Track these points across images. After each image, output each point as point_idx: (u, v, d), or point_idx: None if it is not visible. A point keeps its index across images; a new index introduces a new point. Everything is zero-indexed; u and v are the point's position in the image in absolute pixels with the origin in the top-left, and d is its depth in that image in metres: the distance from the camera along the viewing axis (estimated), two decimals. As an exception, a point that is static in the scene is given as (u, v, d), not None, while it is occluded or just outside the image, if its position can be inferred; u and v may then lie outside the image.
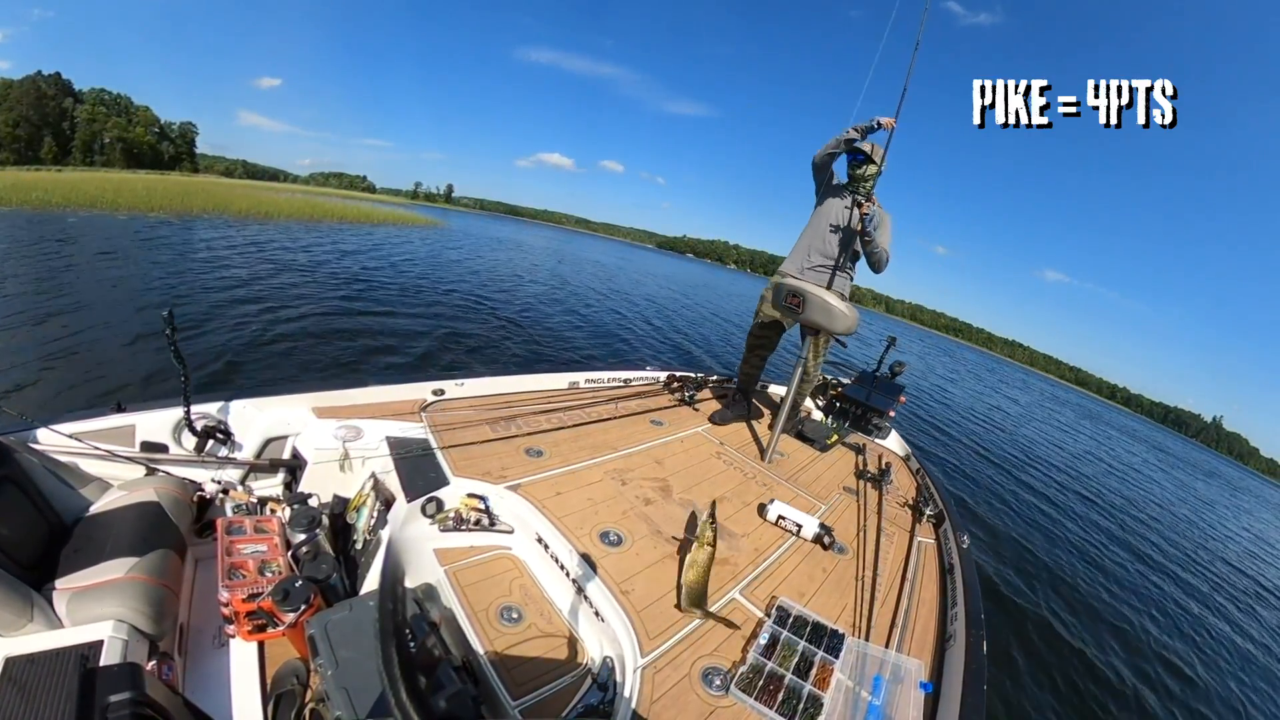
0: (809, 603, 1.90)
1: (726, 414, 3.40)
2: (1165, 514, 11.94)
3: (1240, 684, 4.90)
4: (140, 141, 74.52)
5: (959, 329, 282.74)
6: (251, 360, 5.80)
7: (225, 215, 19.35)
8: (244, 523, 1.75)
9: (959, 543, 2.42)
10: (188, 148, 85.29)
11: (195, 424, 2.00)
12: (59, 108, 66.08)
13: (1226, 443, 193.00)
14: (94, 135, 68.75)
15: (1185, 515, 12.89)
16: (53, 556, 1.40)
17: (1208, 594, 7.17)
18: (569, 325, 11.71)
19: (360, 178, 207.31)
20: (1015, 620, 4.56)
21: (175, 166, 79.59)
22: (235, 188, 34.58)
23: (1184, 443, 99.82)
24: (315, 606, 1.51)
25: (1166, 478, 19.61)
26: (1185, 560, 8.57)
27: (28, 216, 13.34)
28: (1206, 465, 44.62)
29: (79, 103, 68.48)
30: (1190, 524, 11.99)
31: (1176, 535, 10.16)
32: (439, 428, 2.39)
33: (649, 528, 2.10)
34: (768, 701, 1.45)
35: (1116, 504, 10.48)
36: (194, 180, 43.66)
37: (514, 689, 1.48)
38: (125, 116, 73.90)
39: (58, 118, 66.00)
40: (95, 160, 67.49)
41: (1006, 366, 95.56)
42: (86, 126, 67.59)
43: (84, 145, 67.66)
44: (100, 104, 71.05)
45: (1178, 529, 10.83)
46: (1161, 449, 37.58)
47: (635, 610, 1.66)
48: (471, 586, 1.80)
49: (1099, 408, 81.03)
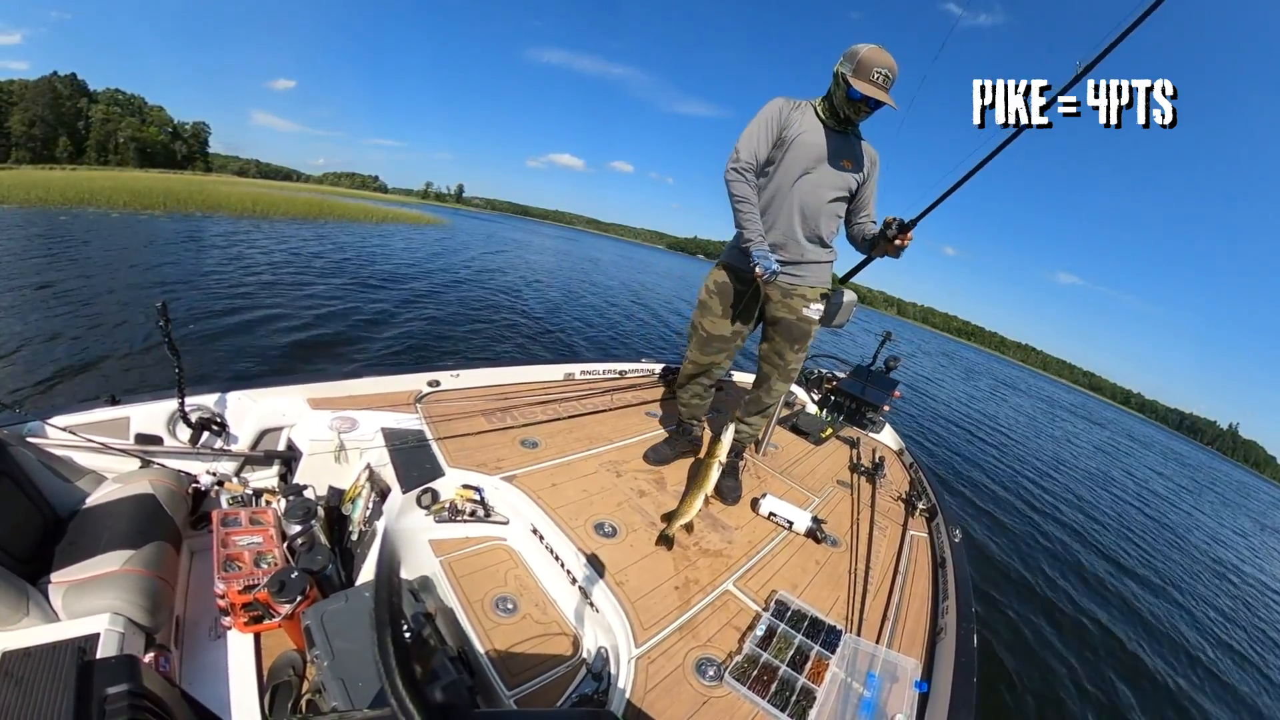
0: (802, 594, 1.92)
1: (664, 450, 2.64)
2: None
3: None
4: (153, 141, 75.56)
5: (971, 332, 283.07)
6: (245, 352, 5.77)
7: (219, 213, 19.19)
8: (239, 514, 1.76)
9: (951, 536, 2.44)
10: (200, 147, 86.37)
11: (190, 416, 1.99)
12: (74, 108, 66.88)
13: (1243, 450, 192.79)
14: (108, 135, 69.57)
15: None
16: (48, 550, 1.40)
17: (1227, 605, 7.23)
18: (580, 320, 11.74)
19: (372, 178, 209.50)
20: (1005, 613, 4.61)
21: (188, 166, 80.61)
22: (239, 185, 34.25)
23: (1200, 450, 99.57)
24: (311, 598, 1.52)
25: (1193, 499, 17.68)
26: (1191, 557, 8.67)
27: (25, 214, 13.28)
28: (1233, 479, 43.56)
29: (94, 103, 69.22)
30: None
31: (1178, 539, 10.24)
32: (434, 419, 2.39)
33: (644, 519, 2.12)
34: (760, 691, 1.47)
35: (1136, 527, 10.25)
36: (193, 179, 43.38)
37: (509, 679, 1.49)
38: (139, 116, 74.77)
39: (73, 117, 66.82)
40: (109, 160, 68.38)
41: (1016, 370, 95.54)
42: (101, 126, 68.52)
43: (98, 145, 68.49)
44: (114, 104, 71.82)
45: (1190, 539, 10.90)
46: (1184, 461, 36.41)
47: (630, 601, 1.67)
48: (467, 577, 1.81)
49: (1113, 413, 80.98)
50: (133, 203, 17.48)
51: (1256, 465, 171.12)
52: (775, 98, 2.15)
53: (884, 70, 1.88)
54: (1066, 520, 8.08)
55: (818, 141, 2.09)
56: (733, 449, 2.55)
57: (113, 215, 15.07)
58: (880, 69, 1.88)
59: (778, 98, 2.15)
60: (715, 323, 2.40)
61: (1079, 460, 14.88)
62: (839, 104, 2.03)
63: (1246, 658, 5.46)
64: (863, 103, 1.97)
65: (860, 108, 2.00)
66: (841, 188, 2.16)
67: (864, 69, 1.89)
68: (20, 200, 15.05)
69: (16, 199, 15.11)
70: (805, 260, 2.23)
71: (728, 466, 2.54)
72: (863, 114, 2.04)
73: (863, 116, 2.07)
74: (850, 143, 2.14)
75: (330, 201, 30.15)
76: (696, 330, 2.46)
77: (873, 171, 2.21)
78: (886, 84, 1.91)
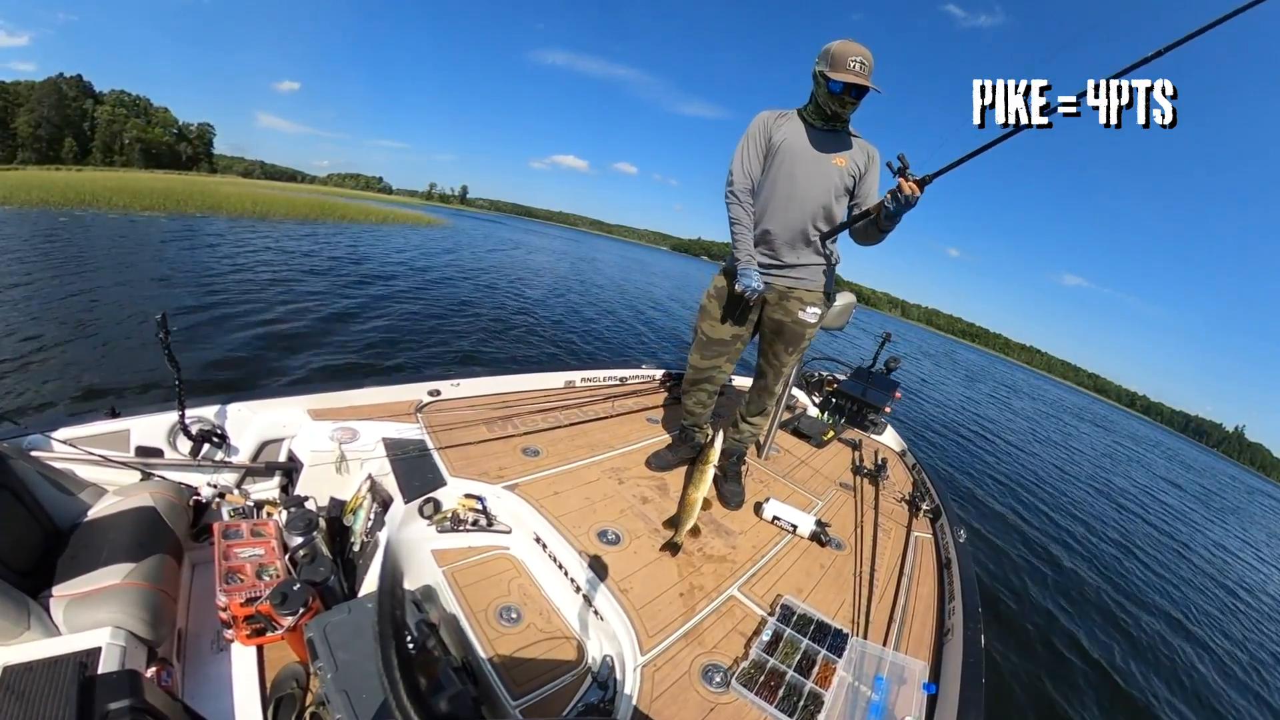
0: (807, 598, 1.91)
1: (667, 457, 2.66)
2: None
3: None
4: (158, 142, 76.54)
5: (976, 334, 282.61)
6: (246, 362, 5.77)
7: (218, 214, 19.22)
8: (240, 526, 1.75)
9: (955, 537, 2.43)
10: (205, 148, 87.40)
11: (190, 428, 1.99)
12: (80, 109, 67.85)
13: (1249, 453, 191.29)
14: (113, 136, 70.55)
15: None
16: (49, 563, 1.39)
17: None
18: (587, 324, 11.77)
19: (377, 179, 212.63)
20: (1013, 614, 4.58)
21: (193, 167, 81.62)
22: (240, 185, 34.31)
23: (1205, 453, 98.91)
24: (314, 609, 1.50)
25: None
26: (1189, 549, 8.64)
27: (21, 215, 13.30)
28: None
29: (99, 104, 70.17)
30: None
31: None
32: (435, 428, 2.39)
33: (647, 526, 2.11)
34: (768, 697, 1.46)
35: (1134, 521, 10.23)
36: (193, 180, 43.50)
37: (514, 689, 1.48)
38: (144, 117, 75.72)
39: (78, 119, 67.72)
40: (115, 160, 69.25)
41: (1021, 372, 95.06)
42: (106, 127, 69.49)
43: (104, 146, 69.41)
44: (120, 105, 72.73)
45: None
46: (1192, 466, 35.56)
47: (634, 608, 1.66)
48: (470, 587, 1.80)
49: (1118, 415, 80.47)
50: (131, 204, 17.51)
51: (1263, 468, 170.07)
52: (761, 112, 2.20)
53: (857, 58, 1.90)
54: (1072, 516, 8.06)
55: (803, 144, 2.11)
56: (735, 451, 2.57)
57: (110, 215, 15.14)
58: (854, 58, 1.90)
59: (763, 111, 2.19)
60: (714, 326, 2.40)
61: (1085, 464, 14.78)
62: (823, 102, 2.04)
63: (1261, 662, 5.43)
64: (846, 93, 1.97)
65: (845, 100, 2.00)
66: (834, 186, 2.13)
67: (839, 62, 1.91)
68: (20, 201, 15.06)
69: (16, 200, 15.12)
70: (800, 263, 2.22)
71: (730, 471, 2.55)
72: (849, 105, 2.03)
73: (850, 109, 2.05)
74: (841, 139, 2.13)
75: (328, 202, 30.28)
76: (697, 334, 2.49)
77: (871, 166, 2.17)
78: (864, 70, 1.91)
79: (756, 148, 2.17)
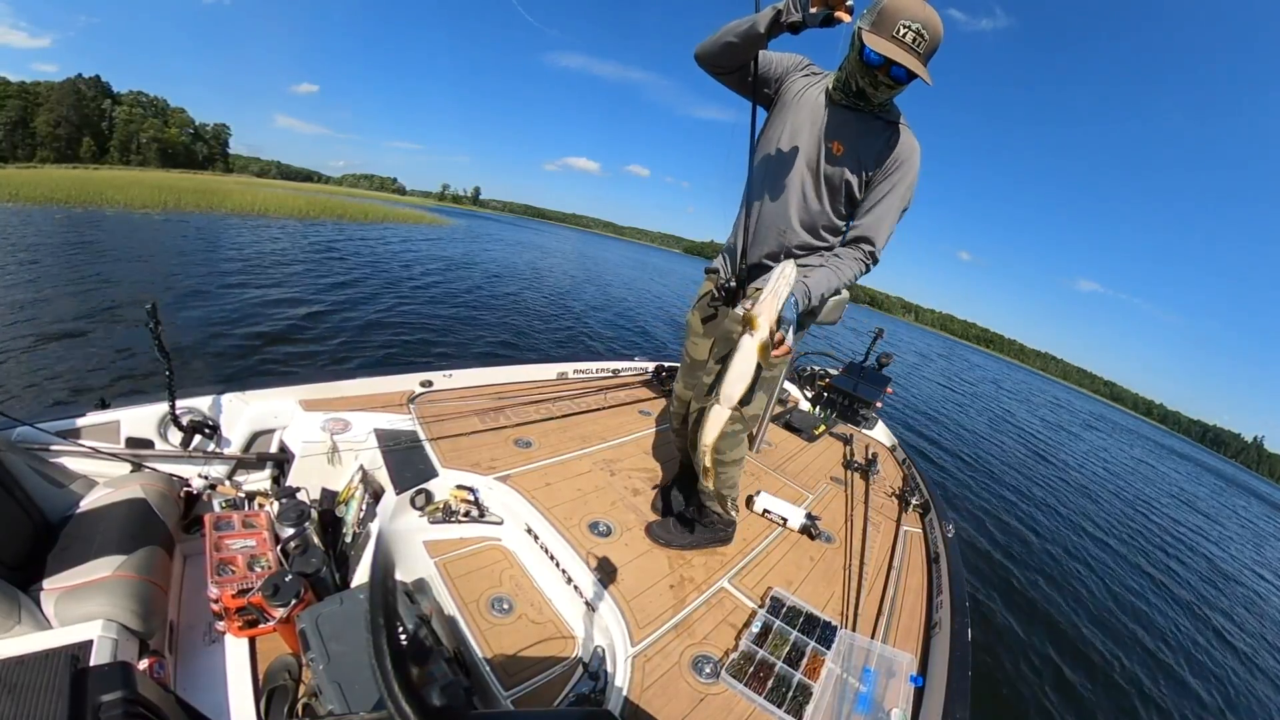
0: (797, 591, 1.93)
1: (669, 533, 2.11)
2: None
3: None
4: (175, 142, 77.80)
5: (990, 339, 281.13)
6: (238, 353, 5.73)
7: (217, 212, 19.06)
8: (232, 518, 1.75)
9: (944, 532, 2.46)
10: (221, 148, 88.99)
11: (181, 419, 1.98)
12: (98, 109, 68.70)
13: (1268, 464, 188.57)
14: (131, 136, 71.55)
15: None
16: (39, 556, 1.39)
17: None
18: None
19: (391, 179, 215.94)
20: (999, 608, 4.65)
21: (209, 166, 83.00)
22: (254, 185, 34.14)
23: (1224, 463, 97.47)
24: (306, 601, 1.51)
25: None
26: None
27: (21, 211, 13.20)
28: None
29: (117, 104, 71.04)
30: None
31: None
32: (427, 419, 2.38)
33: (638, 518, 2.12)
34: (757, 688, 1.48)
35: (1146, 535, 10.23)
36: (201, 179, 43.12)
37: (505, 679, 1.49)
38: (161, 117, 76.81)
39: (96, 118, 68.56)
40: (131, 160, 70.12)
41: (1037, 379, 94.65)
42: (124, 127, 70.52)
43: (121, 145, 70.34)
44: (137, 105, 73.73)
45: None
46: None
47: (626, 599, 1.68)
48: (462, 578, 1.81)
49: (1135, 423, 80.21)
50: (134, 202, 17.55)
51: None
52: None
53: (913, 24, 1.31)
54: (1056, 512, 8.17)
55: (801, 117, 1.61)
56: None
57: (108, 214, 15.01)
58: (908, 21, 1.31)
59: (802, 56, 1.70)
60: (696, 344, 2.04)
61: (1107, 477, 14.59)
62: (850, 70, 1.49)
63: (1248, 656, 5.54)
64: (881, 70, 1.40)
65: (878, 78, 1.43)
66: (816, 179, 1.63)
67: (885, 20, 1.33)
68: (29, 198, 15.07)
69: (25, 197, 15.15)
70: (772, 263, 1.73)
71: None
72: (883, 88, 1.46)
73: (883, 93, 1.47)
74: (858, 124, 1.57)
75: (331, 201, 30.26)
76: (682, 357, 2.14)
77: (892, 173, 1.59)
78: (917, 44, 1.33)
79: (780, 62, 1.67)
